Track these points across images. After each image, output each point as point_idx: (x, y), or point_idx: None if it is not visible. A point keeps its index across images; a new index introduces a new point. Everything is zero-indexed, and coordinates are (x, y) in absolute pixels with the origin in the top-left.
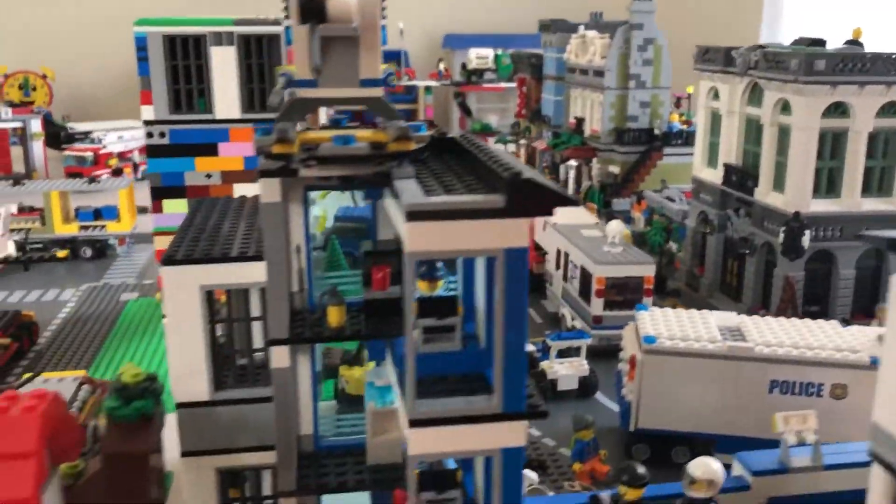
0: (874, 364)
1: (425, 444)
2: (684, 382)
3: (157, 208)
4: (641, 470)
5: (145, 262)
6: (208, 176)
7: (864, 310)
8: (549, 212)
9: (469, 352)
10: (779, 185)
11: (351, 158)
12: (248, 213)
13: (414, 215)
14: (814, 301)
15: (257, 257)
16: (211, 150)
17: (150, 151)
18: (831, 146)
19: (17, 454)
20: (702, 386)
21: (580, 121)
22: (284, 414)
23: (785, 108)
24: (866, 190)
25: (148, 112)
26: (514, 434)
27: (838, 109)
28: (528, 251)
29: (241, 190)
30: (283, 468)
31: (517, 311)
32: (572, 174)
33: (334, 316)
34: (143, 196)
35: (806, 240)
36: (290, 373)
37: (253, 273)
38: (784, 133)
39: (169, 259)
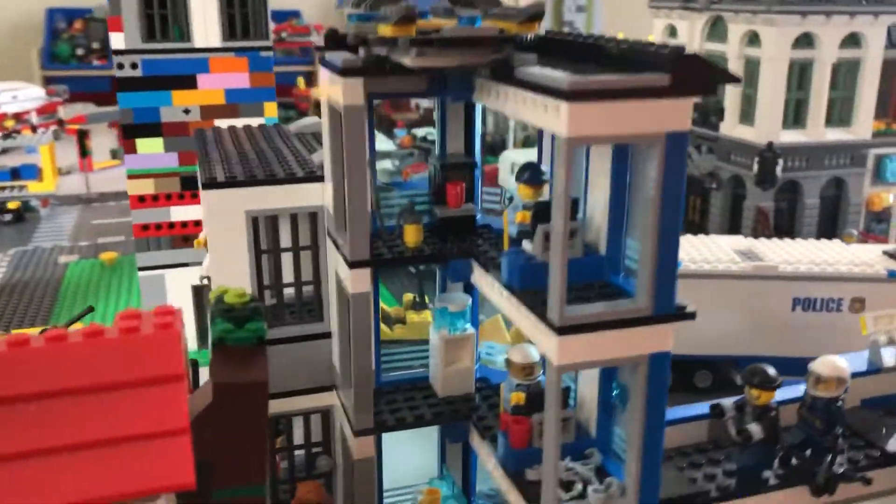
0: (892, 277)
1: (572, 353)
2: (707, 305)
3: (130, 148)
4: (772, 371)
5: (75, 224)
6: (186, 111)
7: (827, 237)
8: (713, 90)
9: (590, 259)
10: (746, 118)
11: (469, 42)
12: (264, 137)
13: (576, 95)
14: (780, 230)
15: (310, 178)
16: (189, 83)
17: (121, 85)
18: (798, 77)
19: (163, 377)
20: (725, 308)
21: None
22: (364, 345)
23: (752, 40)
24: (829, 121)
25: (117, 40)
26: (662, 339)
27: (805, 40)
28: (689, 138)
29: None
30: (360, 405)
31: (674, 204)
32: None
33: (412, 235)
34: (66, 156)
35: (779, 169)
36: (369, 299)
37: (303, 196)
38: (751, 66)
39: (210, 182)
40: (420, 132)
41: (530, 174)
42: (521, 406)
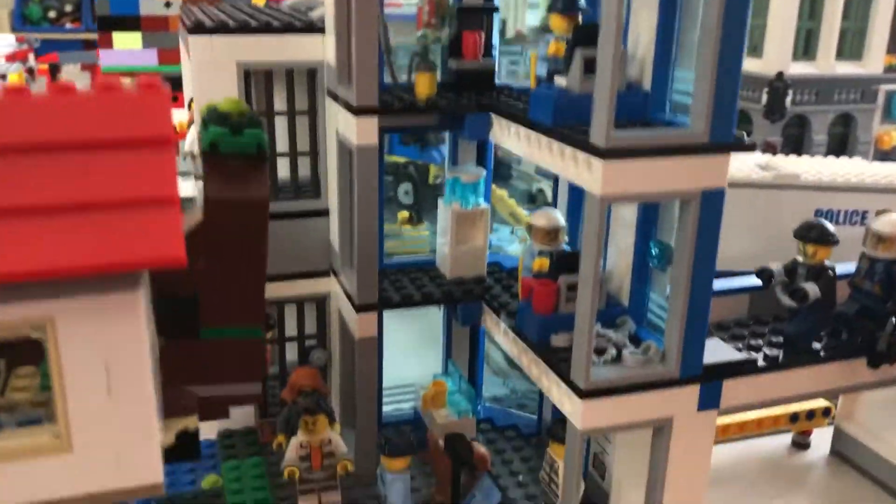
0: None
1: (619, 183)
2: (725, 217)
3: (106, 43)
4: (832, 227)
5: None
6: (167, 5)
7: None
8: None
9: (633, 94)
10: (754, 50)
11: None
12: (257, 10)
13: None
14: None
15: (309, 29)
16: None
17: None
18: (809, 6)
19: (148, 140)
20: (743, 220)
21: None
22: (370, 203)
23: None
24: (840, 54)
25: None
26: (717, 172)
27: None
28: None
29: None
30: (363, 279)
31: (738, 27)
32: None
33: (424, 85)
34: None
35: (788, 100)
36: (374, 154)
37: (302, 50)
38: None
39: (197, 27)
40: None
41: (564, 2)
42: (544, 272)
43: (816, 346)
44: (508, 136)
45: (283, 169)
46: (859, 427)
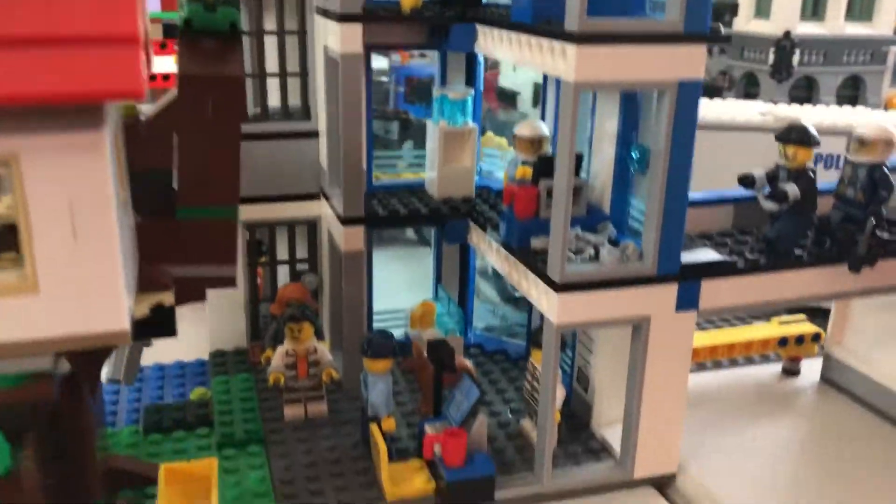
0: None
1: (594, 68)
2: (726, 162)
3: None
4: (813, 130)
5: None
6: None
7: None
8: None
9: None
10: (762, 11)
11: None
12: None
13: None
14: None
15: None
16: None
17: None
18: None
19: (113, 37)
20: (745, 162)
21: None
22: (354, 108)
23: None
24: (849, 14)
25: None
26: (692, 63)
27: None
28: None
29: None
30: (349, 192)
31: None
32: None
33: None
34: None
35: (795, 60)
36: (360, 62)
37: None
38: None
39: None
40: None
41: None
42: (527, 180)
43: (798, 252)
44: (493, 43)
45: (273, 91)
46: (849, 352)
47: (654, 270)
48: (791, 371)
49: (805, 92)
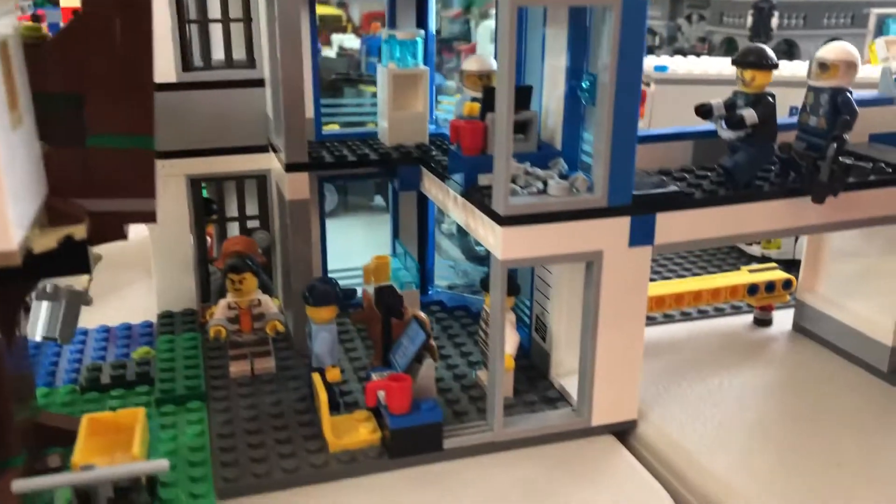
0: None
1: None
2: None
3: None
4: (771, 53)
5: None
6: None
7: None
8: None
9: None
10: None
11: None
12: None
13: None
14: None
15: None
16: None
17: None
18: None
19: None
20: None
21: None
22: (293, 53)
23: None
24: None
25: None
26: None
27: None
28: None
29: None
30: (291, 135)
31: None
32: None
33: None
34: None
35: (774, 21)
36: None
37: None
38: None
39: None
40: None
41: None
42: (475, 115)
43: (759, 183)
44: None
45: (216, 37)
46: (821, 299)
47: (604, 202)
48: (763, 321)
49: (785, 57)
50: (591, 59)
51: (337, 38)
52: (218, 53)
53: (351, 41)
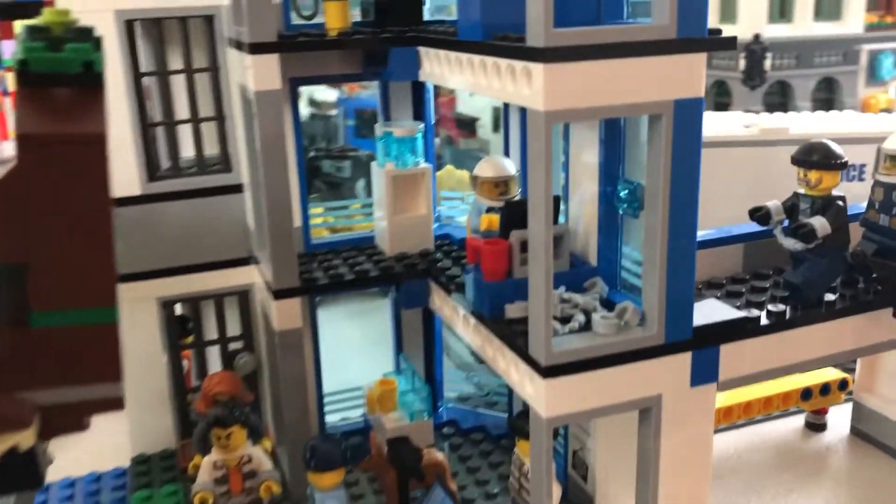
0: None
1: (571, 93)
2: (710, 180)
3: (7, 33)
4: (835, 145)
5: None
6: None
7: None
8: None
9: None
10: (727, 16)
11: None
12: None
13: None
14: None
15: None
16: None
17: None
18: None
19: None
20: (730, 181)
21: None
22: (276, 165)
23: None
24: (818, 14)
25: None
26: (690, 77)
27: None
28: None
29: None
30: (279, 258)
31: None
32: None
33: (335, 14)
34: None
35: (767, 64)
36: (280, 103)
37: None
38: None
39: None
40: None
41: None
42: (494, 231)
43: (829, 297)
44: (440, 68)
45: (186, 139)
46: (882, 399)
47: (661, 338)
48: (816, 425)
49: (779, 98)
50: (628, 163)
51: (306, 88)
52: (189, 152)
53: (323, 92)
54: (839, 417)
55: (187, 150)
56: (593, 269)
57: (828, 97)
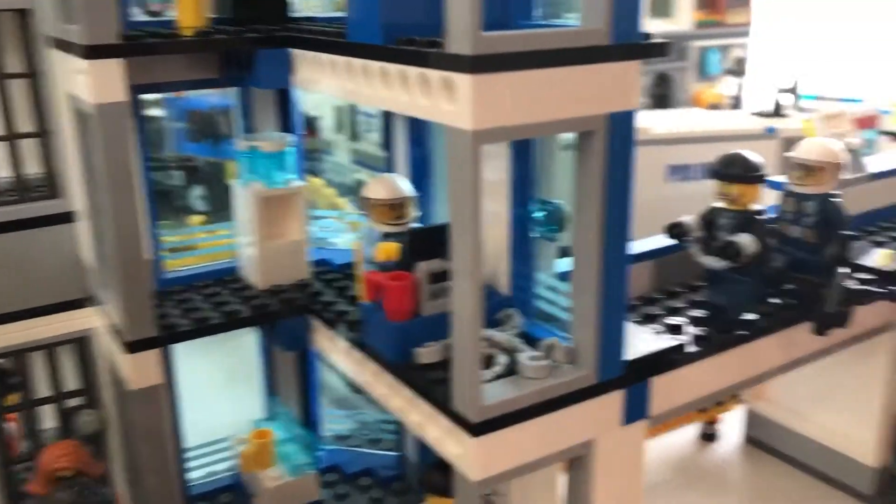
0: (769, 133)
1: (502, 109)
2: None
3: None
4: (756, 157)
5: None
6: None
7: None
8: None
9: None
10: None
11: None
12: None
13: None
14: None
15: None
16: None
17: None
18: None
19: None
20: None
21: None
22: (124, 193)
23: None
24: (653, 12)
25: None
26: (626, 87)
27: None
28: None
29: None
30: (131, 302)
31: None
32: None
33: (188, 10)
34: None
35: None
36: (126, 119)
37: None
38: None
39: None
40: None
41: None
42: (394, 261)
43: (750, 316)
44: (320, 76)
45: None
46: (774, 406)
47: (593, 377)
48: (709, 436)
49: (658, 91)
50: (542, 182)
51: None
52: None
53: None
54: (732, 427)
55: (2, 172)
56: (507, 298)
57: (663, 93)
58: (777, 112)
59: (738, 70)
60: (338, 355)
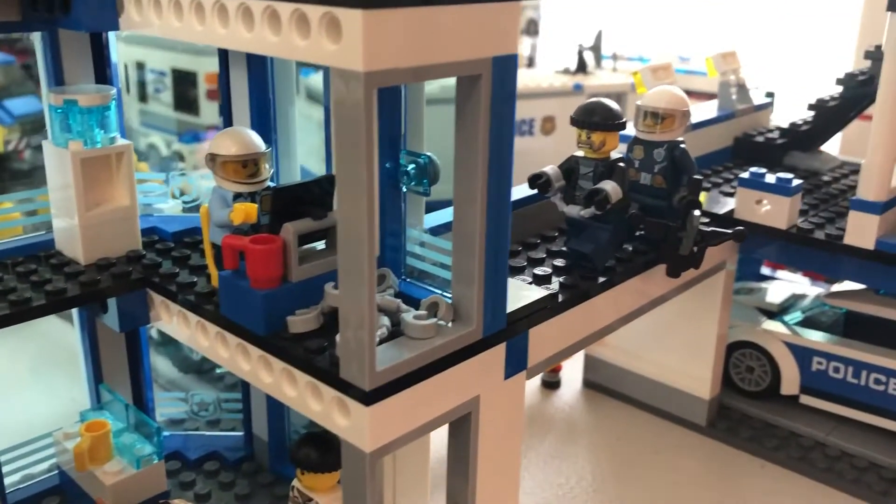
0: (577, 90)
1: (391, 47)
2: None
3: None
4: (615, 106)
5: None
6: None
7: None
8: None
9: None
10: None
11: None
12: None
13: None
14: None
15: None
16: None
17: None
18: None
19: None
20: None
21: None
22: None
23: None
24: None
25: None
26: (507, 29)
27: None
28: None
29: None
30: None
31: None
32: None
33: None
34: None
35: None
36: None
37: None
38: None
39: None
40: None
41: None
42: (254, 224)
43: (610, 262)
44: (157, 15)
45: None
46: (612, 349)
47: (479, 332)
48: (551, 383)
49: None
50: (411, 133)
51: None
52: None
53: None
54: (574, 374)
55: None
56: (377, 257)
57: None
58: (581, 69)
59: (531, 30)
60: (187, 331)
